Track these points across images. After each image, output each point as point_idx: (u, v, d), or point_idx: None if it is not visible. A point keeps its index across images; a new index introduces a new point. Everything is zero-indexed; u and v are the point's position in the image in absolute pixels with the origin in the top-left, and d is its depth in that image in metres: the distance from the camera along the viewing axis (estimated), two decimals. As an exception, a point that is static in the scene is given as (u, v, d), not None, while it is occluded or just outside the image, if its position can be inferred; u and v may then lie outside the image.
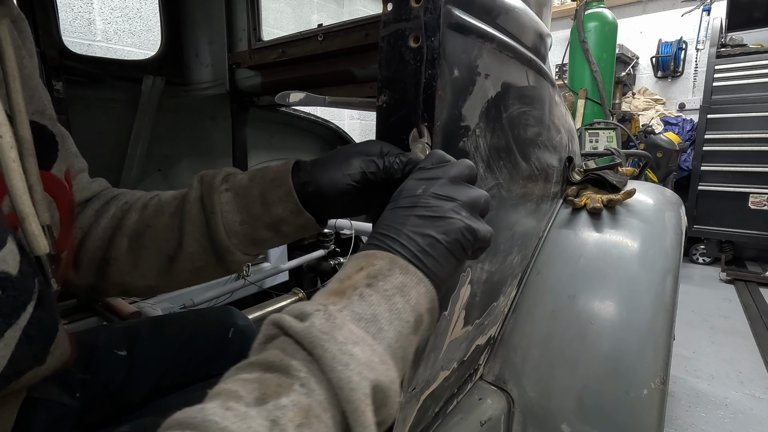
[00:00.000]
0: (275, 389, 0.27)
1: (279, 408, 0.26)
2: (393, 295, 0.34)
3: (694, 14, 4.04)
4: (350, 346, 0.29)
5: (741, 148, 3.36)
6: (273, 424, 0.25)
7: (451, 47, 0.47)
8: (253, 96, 1.59)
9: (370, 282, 0.34)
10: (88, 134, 1.33)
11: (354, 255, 0.38)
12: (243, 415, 0.25)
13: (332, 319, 0.30)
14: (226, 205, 0.51)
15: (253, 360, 0.30)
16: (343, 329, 0.30)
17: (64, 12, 2.20)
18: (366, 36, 1.09)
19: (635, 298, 0.82)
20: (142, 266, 0.54)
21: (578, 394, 0.76)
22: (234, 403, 0.25)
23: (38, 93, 0.49)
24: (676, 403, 1.81)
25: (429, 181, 0.40)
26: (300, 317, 0.31)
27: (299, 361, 0.29)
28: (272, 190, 0.50)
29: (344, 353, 0.29)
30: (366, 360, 0.29)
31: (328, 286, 0.36)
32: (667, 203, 1.02)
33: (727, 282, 3.25)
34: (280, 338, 0.31)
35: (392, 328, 0.33)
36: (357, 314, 0.32)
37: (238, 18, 1.48)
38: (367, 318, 0.32)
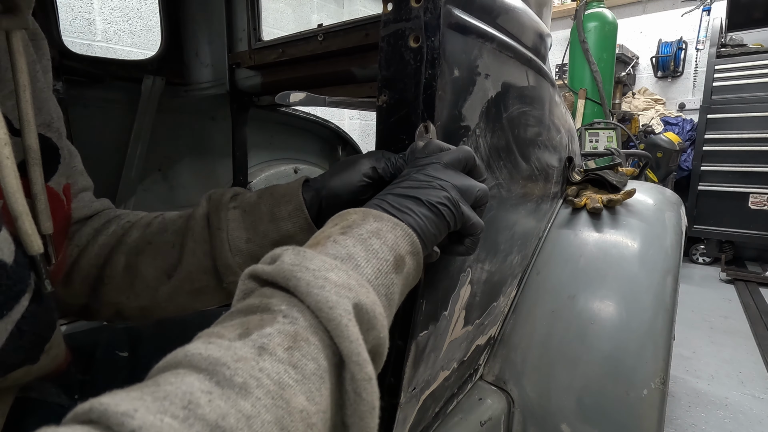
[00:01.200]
0: (257, 323, 0.26)
1: (264, 336, 0.25)
2: (368, 238, 0.34)
3: (694, 14, 4.04)
4: (324, 272, 0.29)
5: (741, 148, 3.36)
6: (261, 350, 0.24)
7: (451, 47, 0.47)
8: (253, 96, 1.59)
9: (344, 231, 0.34)
10: (88, 134, 1.33)
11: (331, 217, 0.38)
12: (227, 346, 0.24)
13: (302, 254, 0.30)
14: (233, 222, 0.50)
15: (232, 310, 0.29)
16: (315, 260, 0.30)
17: (64, 12, 2.20)
18: (366, 36, 1.09)
19: (635, 298, 0.82)
20: (137, 285, 0.52)
21: (578, 394, 0.76)
22: (216, 339, 0.24)
23: (47, 106, 0.50)
24: (676, 403, 1.81)
25: (421, 166, 0.41)
26: (271, 260, 0.31)
27: (278, 298, 0.28)
28: (282, 206, 0.49)
29: (318, 278, 0.28)
30: (342, 282, 0.29)
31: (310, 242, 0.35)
32: (667, 203, 1.02)
33: (727, 282, 3.25)
34: (257, 290, 0.30)
35: (369, 265, 0.33)
36: (331, 254, 0.32)
37: (238, 18, 1.48)
38: (342, 257, 0.32)
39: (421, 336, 0.54)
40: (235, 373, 0.22)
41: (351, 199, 0.48)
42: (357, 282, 0.30)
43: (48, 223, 0.43)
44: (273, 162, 1.79)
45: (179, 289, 0.52)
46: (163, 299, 0.53)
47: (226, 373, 0.22)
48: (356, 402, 0.27)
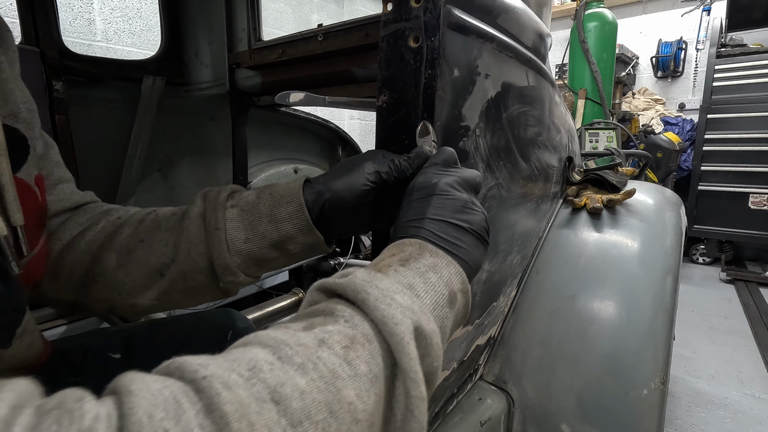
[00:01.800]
0: (321, 321, 0.29)
1: (325, 332, 0.28)
2: (426, 272, 0.36)
3: (694, 14, 4.04)
4: (391, 293, 0.31)
5: (741, 148, 3.36)
6: (321, 342, 0.27)
7: (451, 47, 0.47)
8: (253, 96, 1.59)
9: (403, 263, 0.36)
10: (88, 134, 1.33)
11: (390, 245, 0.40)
12: (292, 333, 0.27)
13: (372, 274, 0.33)
14: (231, 222, 0.49)
15: (299, 314, 0.32)
16: (384, 281, 0.32)
17: (64, 12, 2.20)
18: (366, 36, 1.09)
19: (635, 298, 0.82)
20: (129, 283, 0.51)
21: (578, 394, 0.76)
22: (283, 328, 0.28)
23: (13, 96, 0.49)
24: (676, 403, 1.81)
25: (442, 174, 0.42)
26: (341, 276, 0.33)
27: (343, 305, 0.31)
28: (282, 206, 0.48)
29: (386, 296, 0.31)
30: (408, 305, 0.31)
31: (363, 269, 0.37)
32: (667, 203, 1.02)
33: (727, 282, 3.25)
34: (324, 301, 0.33)
35: (428, 297, 0.35)
36: (392, 283, 0.33)
37: (238, 18, 1.48)
38: (405, 285, 0.34)
39: (421, 336, 0.54)
40: (296, 353, 0.25)
41: (355, 202, 0.48)
42: (419, 308, 0.32)
43: (18, 215, 0.42)
44: (273, 162, 1.79)
45: (173, 288, 0.51)
46: (156, 297, 0.52)
47: (288, 352, 0.25)
48: (407, 418, 0.29)
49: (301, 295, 1.55)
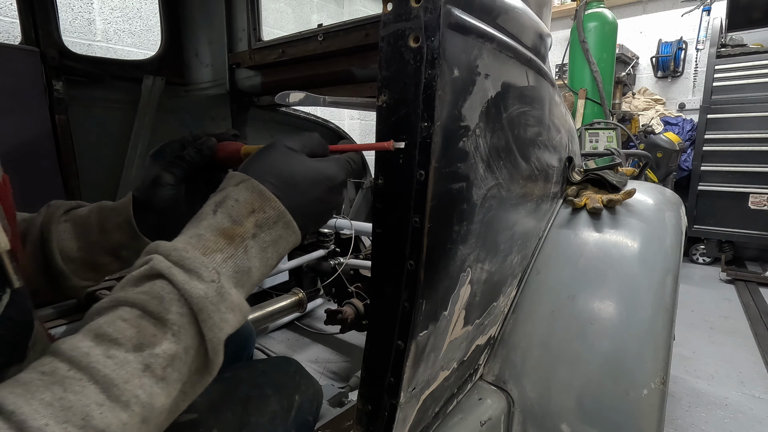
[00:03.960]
0: (151, 339, 0.34)
1: (153, 356, 0.33)
2: (267, 248, 0.42)
3: (694, 14, 4.04)
4: (227, 314, 0.38)
5: (741, 148, 3.36)
6: (146, 367, 0.33)
7: (451, 47, 0.47)
8: (253, 96, 1.59)
9: (256, 232, 0.41)
10: (88, 134, 1.33)
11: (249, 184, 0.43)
12: (122, 362, 0.32)
13: (221, 292, 0.37)
14: (63, 233, 0.56)
15: (132, 298, 0.36)
16: (227, 300, 0.38)
17: (64, 12, 2.20)
18: (366, 36, 1.09)
19: (635, 298, 0.82)
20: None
21: (578, 394, 0.76)
22: (115, 350, 0.32)
23: None
24: (676, 403, 1.81)
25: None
26: (190, 272, 0.37)
27: (176, 314, 0.35)
28: (111, 218, 0.56)
29: (223, 321, 0.37)
30: (235, 323, 0.39)
31: (219, 218, 0.41)
32: (667, 203, 1.02)
33: (727, 282, 3.25)
34: (160, 283, 0.36)
35: (258, 273, 0.42)
36: (237, 267, 0.40)
37: (238, 18, 1.48)
38: (244, 270, 0.40)
39: (421, 336, 0.54)
40: (122, 393, 0.31)
41: (174, 203, 0.56)
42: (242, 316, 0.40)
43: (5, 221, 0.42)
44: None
45: None
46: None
47: (115, 392, 0.31)
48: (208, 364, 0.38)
49: (301, 295, 1.55)
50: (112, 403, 0.30)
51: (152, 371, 0.33)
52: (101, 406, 0.30)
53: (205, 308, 0.36)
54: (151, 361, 0.33)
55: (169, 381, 0.34)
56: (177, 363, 0.35)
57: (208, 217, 0.41)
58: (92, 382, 0.30)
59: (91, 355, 0.31)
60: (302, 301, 1.55)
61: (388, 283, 0.53)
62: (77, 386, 0.30)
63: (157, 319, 0.35)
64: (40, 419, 0.27)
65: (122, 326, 0.34)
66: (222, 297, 0.37)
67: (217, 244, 0.39)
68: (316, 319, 1.86)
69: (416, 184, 0.48)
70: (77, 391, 0.30)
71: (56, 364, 0.31)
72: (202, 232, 0.40)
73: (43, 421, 0.27)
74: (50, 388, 0.29)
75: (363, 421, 0.59)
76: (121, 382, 0.31)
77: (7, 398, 0.28)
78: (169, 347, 0.34)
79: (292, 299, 1.52)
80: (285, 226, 0.43)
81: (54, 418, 0.28)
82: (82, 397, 0.29)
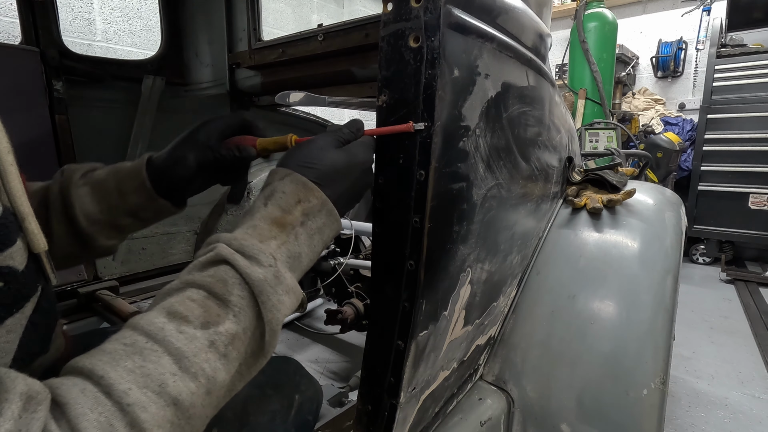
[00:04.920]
0: (215, 318, 0.38)
1: (217, 333, 0.37)
2: (314, 235, 0.46)
3: (694, 14, 4.04)
4: (283, 296, 0.41)
5: (741, 148, 3.36)
6: (211, 344, 0.36)
7: (451, 47, 0.47)
8: (253, 96, 1.59)
9: (304, 220, 0.45)
10: (88, 134, 1.33)
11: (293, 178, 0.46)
12: (191, 336, 0.36)
13: (278, 275, 0.41)
14: (84, 197, 0.58)
15: (199, 281, 0.39)
16: (283, 283, 0.41)
17: (64, 12, 2.20)
18: (366, 36, 1.09)
19: (635, 299, 0.82)
20: None
21: (578, 394, 0.76)
22: (185, 327, 0.36)
23: None
24: (676, 403, 1.81)
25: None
26: (250, 259, 0.40)
27: (237, 297, 0.39)
28: (127, 182, 0.59)
29: (280, 302, 0.41)
30: (290, 304, 0.42)
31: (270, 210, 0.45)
32: (667, 203, 1.02)
33: (727, 282, 3.25)
34: (224, 268, 0.40)
35: (307, 260, 0.46)
36: (290, 253, 0.44)
37: (238, 18, 1.48)
38: (295, 255, 0.45)
39: (421, 336, 0.54)
40: (192, 364, 0.35)
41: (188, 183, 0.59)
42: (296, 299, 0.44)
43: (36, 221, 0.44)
44: (273, 162, 1.79)
45: (56, 253, 0.57)
46: None
47: (186, 364, 0.35)
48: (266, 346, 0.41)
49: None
50: (183, 374, 0.34)
51: (216, 348, 0.36)
52: (174, 376, 0.34)
53: (264, 290, 0.39)
54: (215, 338, 0.37)
55: (229, 358, 0.37)
56: (237, 342, 0.38)
57: (260, 210, 0.45)
58: (167, 354, 0.34)
59: (165, 330, 0.35)
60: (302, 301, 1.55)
61: (388, 283, 0.53)
62: (154, 356, 0.34)
63: (221, 301, 0.38)
64: (125, 384, 0.31)
65: (191, 306, 0.37)
66: (279, 280, 0.41)
67: (271, 232, 0.43)
68: (316, 319, 1.86)
69: (416, 184, 0.48)
70: (154, 361, 0.33)
71: (136, 336, 0.35)
72: (256, 222, 0.44)
73: (127, 386, 0.31)
74: (131, 357, 0.33)
75: (363, 421, 0.59)
76: (191, 355, 0.35)
77: (97, 365, 0.32)
78: (231, 327, 0.38)
79: (292, 299, 1.51)
80: (328, 213, 0.47)
81: (135, 383, 0.32)
82: (158, 366, 0.33)
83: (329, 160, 0.49)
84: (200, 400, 0.35)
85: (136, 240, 1.53)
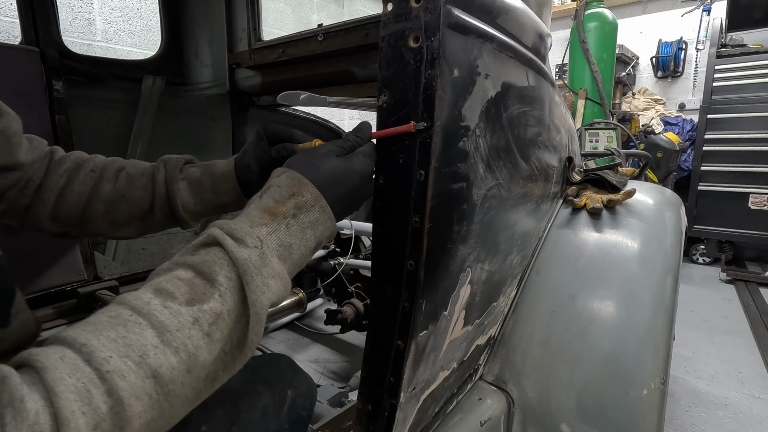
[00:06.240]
0: (201, 296, 0.38)
1: (201, 311, 0.38)
2: (306, 229, 0.47)
3: (694, 14, 4.04)
4: (269, 279, 0.42)
5: (741, 148, 3.36)
6: (195, 320, 0.37)
7: (451, 47, 0.47)
8: (253, 96, 1.59)
9: (296, 212, 0.47)
10: (88, 134, 1.33)
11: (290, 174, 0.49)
12: (176, 312, 0.37)
13: (264, 257, 0.42)
14: (183, 191, 0.68)
15: (189, 261, 0.41)
16: (269, 266, 0.42)
17: (64, 12, 2.20)
18: (366, 36, 1.09)
19: (635, 298, 0.82)
20: (116, 225, 0.68)
21: (578, 394, 0.76)
22: (170, 302, 0.37)
23: None
24: (676, 403, 1.81)
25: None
26: (238, 241, 0.42)
27: (224, 277, 0.40)
28: (221, 184, 0.68)
29: (265, 285, 0.41)
30: (276, 290, 0.43)
31: (264, 200, 0.47)
32: (667, 203, 1.02)
33: (727, 282, 3.25)
34: (215, 250, 0.41)
35: (298, 253, 0.47)
36: (280, 241, 0.45)
37: (238, 18, 1.48)
38: (285, 245, 0.45)
39: (421, 336, 0.54)
40: (174, 338, 0.36)
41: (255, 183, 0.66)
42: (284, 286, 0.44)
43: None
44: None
45: (149, 228, 0.70)
46: (135, 233, 0.71)
47: (168, 337, 0.35)
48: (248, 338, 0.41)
49: (301, 295, 1.55)
50: (164, 347, 0.35)
51: (200, 325, 0.37)
52: (156, 348, 0.34)
53: (249, 270, 0.40)
54: (199, 315, 0.37)
55: (212, 338, 0.38)
56: (221, 323, 0.39)
57: (255, 201, 0.48)
58: (150, 327, 0.35)
59: (150, 304, 0.36)
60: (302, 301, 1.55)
61: (388, 283, 0.53)
62: (137, 328, 0.35)
63: (207, 280, 0.40)
64: (106, 352, 0.32)
65: (178, 283, 0.39)
66: (264, 262, 0.42)
67: (262, 219, 0.45)
68: (316, 319, 1.86)
69: (416, 184, 0.48)
70: (137, 332, 0.34)
71: (121, 310, 0.36)
72: (249, 211, 0.46)
73: (107, 354, 0.32)
74: (115, 328, 0.34)
75: (363, 421, 0.59)
76: (174, 329, 0.36)
77: (80, 334, 0.33)
78: (215, 306, 0.39)
79: (292, 299, 1.51)
80: (321, 210, 0.48)
81: (116, 352, 0.33)
82: (140, 338, 0.34)
83: (328, 164, 0.51)
84: (180, 377, 0.35)
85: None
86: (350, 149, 0.54)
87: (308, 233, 0.47)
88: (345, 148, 0.53)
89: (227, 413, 0.61)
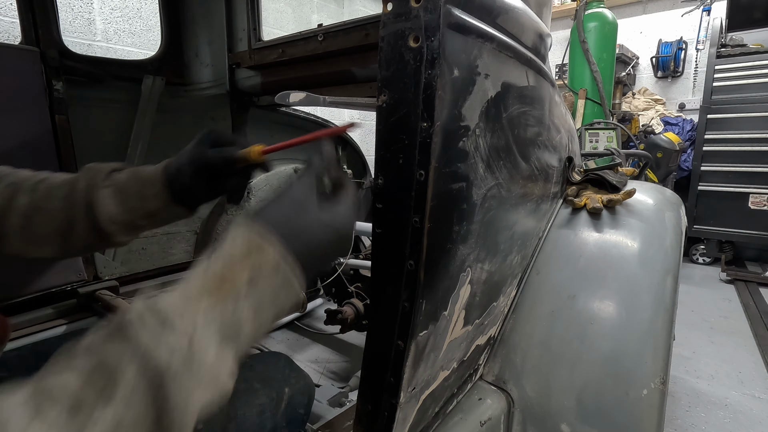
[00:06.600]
0: (94, 400, 0.29)
1: (92, 422, 0.28)
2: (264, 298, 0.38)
3: (694, 14, 4.04)
4: (194, 391, 0.32)
5: (741, 148, 3.36)
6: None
7: (451, 47, 0.47)
8: (253, 96, 1.59)
9: (253, 276, 0.37)
10: (88, 134, 1.33)
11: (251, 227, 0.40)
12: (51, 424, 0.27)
13: (193, 349, 0.33)
14: (106, 199, 0.61)
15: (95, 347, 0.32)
16: (199, 372, 0.33)
17: (64, 12, 2.20)
18: (366, 36, 1.09)
19: (635, 298, 0.82)
20: (36, 242, 0.62)
21: (578, 394, 0.76)
22: (48, 407, 0.27)
23: None
24: (676, 403, 1.81)
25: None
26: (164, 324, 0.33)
27: (133, 374, 0.30)
28: (148, 188, 0.62)
29: (187, 403, 0.32)
30: (202, 400, 0.33)
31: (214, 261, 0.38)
32: (667, 203, 1.02)
33: (727, 282, 3.25)
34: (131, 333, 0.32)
35: (251, 327, 0.37)
36: (223, 323, 0.35)
37: (238, 18, 1.48)
38: (233, 323, 0.36)
39: (421, 336, 0.54)
40: None
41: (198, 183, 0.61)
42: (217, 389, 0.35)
43: None
44: (273, 162, 1.79)
45: (74, 245, 0.63)
46: (62, 251, 0.64)
47: None
48: None
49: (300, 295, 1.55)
50: None
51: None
52: None
53: (167, 383, 0.31)
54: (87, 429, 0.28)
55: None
56: None
57: (203, 261, 0.39)
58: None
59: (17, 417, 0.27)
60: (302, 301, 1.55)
61: (388, 283, 0.53)
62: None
63: (110, 376, 0.30)
64: None
65: (68, 381, 0.29)
66: (190, 367, 0.33)
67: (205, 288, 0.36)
68: (316, 319, 1.86)
69: (416, 184, 0.48)
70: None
71: None
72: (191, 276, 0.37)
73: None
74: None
75: (363, 421, 0.59)
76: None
77: None
78: (114, 413, 0.29)
79: (292, 299, 1.51)
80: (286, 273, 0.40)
81: None
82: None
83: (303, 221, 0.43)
84: None
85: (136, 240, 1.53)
86: (333, 186, 0.47)
87: (266, 303, 0.38)
88: (324, 189, 0.46)
89: (223, 412, 0.60)
